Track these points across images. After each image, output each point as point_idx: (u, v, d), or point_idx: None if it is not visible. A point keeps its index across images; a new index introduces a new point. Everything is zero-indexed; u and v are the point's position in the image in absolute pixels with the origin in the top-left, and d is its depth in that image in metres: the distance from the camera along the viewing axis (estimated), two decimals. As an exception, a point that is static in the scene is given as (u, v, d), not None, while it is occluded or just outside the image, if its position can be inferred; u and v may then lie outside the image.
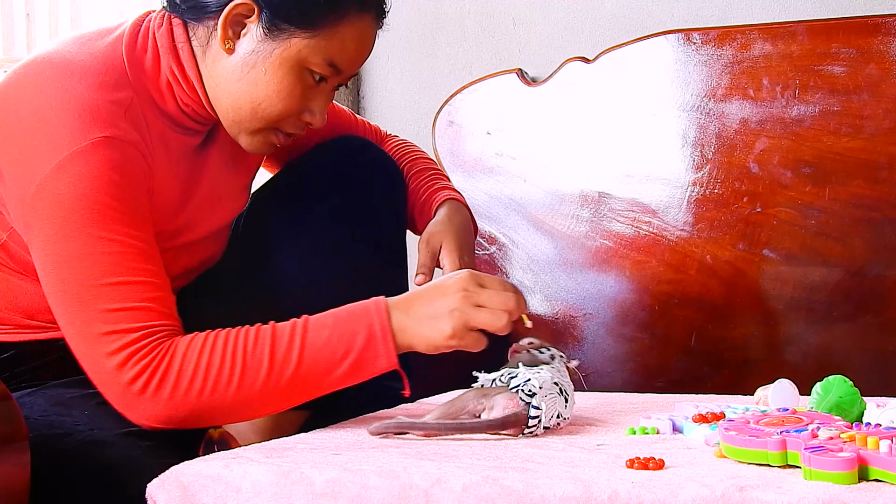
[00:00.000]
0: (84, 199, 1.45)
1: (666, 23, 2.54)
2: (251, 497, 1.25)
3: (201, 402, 1.45)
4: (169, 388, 1.44)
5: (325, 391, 1.51)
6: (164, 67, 1.60)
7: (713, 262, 2.44)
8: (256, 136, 1.66)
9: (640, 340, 2.49)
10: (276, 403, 1.50)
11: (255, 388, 1.46)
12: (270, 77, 1.59)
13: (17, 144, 1.48)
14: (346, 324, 1.50)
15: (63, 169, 1.45)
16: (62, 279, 1.46)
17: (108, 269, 1.45)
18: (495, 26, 2.73)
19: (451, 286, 1.52)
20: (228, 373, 1.46)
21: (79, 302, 1.45)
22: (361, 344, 1.49)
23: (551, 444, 1.39)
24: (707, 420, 1.44)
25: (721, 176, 2.44)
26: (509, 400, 1.45)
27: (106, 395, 1.47)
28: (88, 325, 1.45)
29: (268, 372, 1.46)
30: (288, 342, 1.48)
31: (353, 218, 1.81)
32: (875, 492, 1.09)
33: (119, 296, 1.45)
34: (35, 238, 1.48)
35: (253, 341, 1.48)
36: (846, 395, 1.40)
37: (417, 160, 1.95)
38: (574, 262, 2.53)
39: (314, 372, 1.48)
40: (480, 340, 1.53)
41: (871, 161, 2.34)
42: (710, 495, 1.11)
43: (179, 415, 1.45)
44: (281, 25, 1.57)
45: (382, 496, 1.21)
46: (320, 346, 1.48)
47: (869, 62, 2.34)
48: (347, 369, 1.49)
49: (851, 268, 2.36)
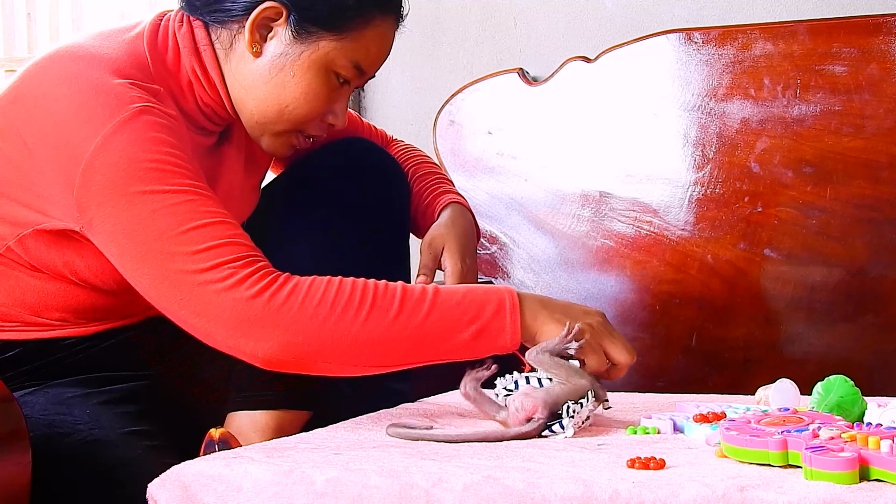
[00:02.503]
0: (137, 161, 1.44)
1: (667, 22, 2.54)
2: (252, 496, 1.25)
3: (325, 331, 1.42)
4: (298, 304, 1.41)
5: (442, 356, 1.48)
6: (186, 66, 1.61)
7: (714, 262, 2.44)
8: (279, 138, 1.67)
9: (641, 340, 2.49)
10: (394, 353, 1.46)
11: (381, 328, 1.43)
12: (298, 79, 1.60)
13: (56, 136, 1.47)
14: (479, 294, 1.48)
15: (109, 141, 1.44)
16: (140, 243, 1.43)
17: (183, 217, 1.43)
18: (496, 26, 2.73)
19: (592, 311, 1.53)
20: (358, 304, 1.43)
21: (165, 255, 1.42)
22: (490, 313, 1.47)
23: (552, 444, 1.39)
24: (708, 420, 1.44)
25: (722, 176, 2.44)
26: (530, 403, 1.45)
27: (213, 329, 1.42)
28: (183, 270, 1.42)
29: (397, 313, 1.44)
30: (420, 294, 1.46)
31: (357, 219, 1.82)
32: (876, 492, 1.09)
33: (205, 236, 1.42)
34: (96, 217, 1.45)
35: (384, 286, 1.45)
36: (847, 395, 1.40)
37: (422, 164, 1.96)
38: (575, 262, 2.53)
39: (440, 328, 1.45)
40: (603, 362, 1.52)
41: (873, 161, 2.34)
42: (710, 495, 1.11)
43: (299, 341, 1.41)
44: (309, 28, 1.59)
45: (383, 496, 1.21)
46: (452, 305, 1.46)
47: (870, 62, 2.34)
48: (471, 335, 1.46)
49: (852, 268, 2.36)
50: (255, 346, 1.42)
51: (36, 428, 1.35)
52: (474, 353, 1.49)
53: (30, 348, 1.61)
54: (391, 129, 2.10)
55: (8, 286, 1.59)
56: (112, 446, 1.45)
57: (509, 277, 2.57)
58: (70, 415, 1.48)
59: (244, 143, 1.74)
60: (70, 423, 1.47)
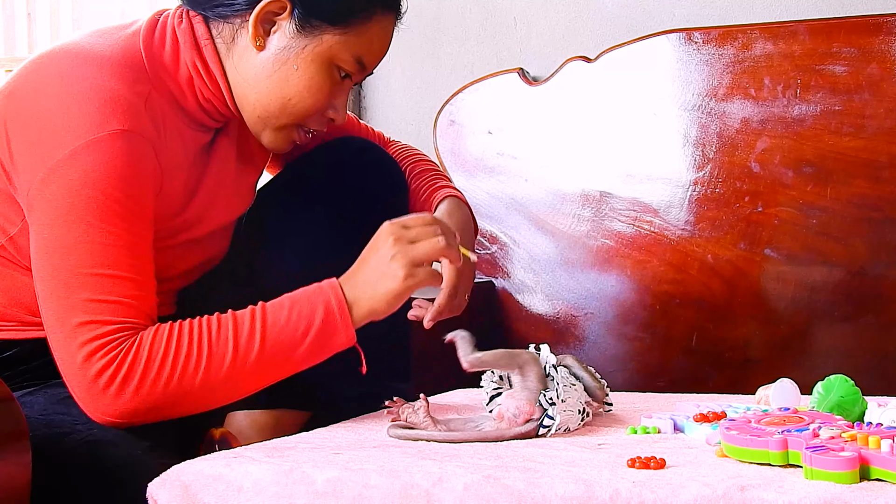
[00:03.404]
0: (92, 188, 1.46)
1: (667, 22, 2.54)
2: (252, 496, 1.25)
3: (168, 392, 1.46)
4: (135, 382, 1.45)
5: (289, 372, 1.53)
6: (186, 62, 1.61)
7: (714, 262, 2.44)
8: (281, 133, 1.68)
9: (642, 340, 2.49)
10: (241, 387, 1.52)
11: (222, 373, 1.48)
12: (302, 73, 1.61)
13: (35, 131, 1.49)
14: (304, 303, 1.53)
15: (77, 156, 1.46)
16: (54, 264, 1.46)
17: (100, 259, 1.46)
18: (496, 26, 2.73)
19: (379, 239, 1.57)
20: (196, 360, 1.47)
21: (65, 288, 1.46)
22: (320, 320, 1.52)
23: (552, 444, 1.39)
24: (708, 419, 1.44)
25: (722, 175, 2.44)
26: (526, 405, 1.45)
27: (71, 389, 1.47)
28: (69, 312, 1.46)
29: (233, 356, 1.48)
30: (250, 325, 1.50)
31: (355, 218, 1.81)
32: (876, 491, 1.09)
33: (104, 287, 1.46)
34: (36, 221, 1.49)
35: (216, 327, 1.49)
36: (847, 395, 1.40)
37: (419, 162, 1.96)
38: (575, 262, 2.53)
39: (277, 352, 1.50)
40: (434, 274, 1.58)
41: (873, 160, 2.34)
42: (711, 495, 1.11)
43: (145, 408, 1.46)
44: (313, 22, 1.60)
45: (384, 495, 1.21)
46: (282, 326, 1.51)
47: (870, 62, 2.34)
48: (309, 346, 1.52)
49: (853, 267, 2.36)
50: (102, 415, 1.47)
51: (35, 428, 1.34)
52: (319, 358, 1.54)
53: (27, 348, 1.61)
54: (391, 129, 2.10)
55: (4, 286, 1.59)
56: (112, 446, 1.45)
57: (509, 277, 2.57)
58: (69, 414, 1.48)
59: (240, 140, 1.74)
60: (69, 422, 1.47)
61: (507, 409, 1.46)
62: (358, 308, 1.55)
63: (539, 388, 1.46)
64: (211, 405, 1.52)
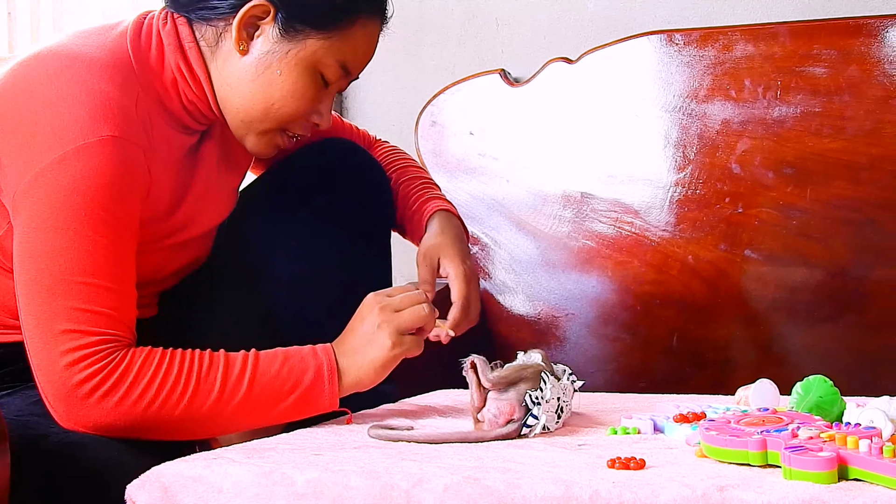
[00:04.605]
0: (80, 194, 1.45)
1: (648, 24, 2.55)
2: (232, 497, 1.25)
3: (147, 415, 1.46)
4: (117, 397, 1.44)
5: (265, 423, 1.54)
6: (170, 64, 1.61)
7: (695, 263, 2.45)
8: (264, 137, 1.67)
9: (623, 341, 2.50)
10: (217, 427, 1.52)
11: (203, 409, 1.48)
12: (285, 78, 1.61)
13: (23, 133, 1.48)
14: (296, 360, 1.53)
15: (66, 161, 1.45)
16: (38, 269, 1.45)
17: (86, 267, 1.45)
18: (478, 27, 2.73)
19: (364, 308, 1.59)
20: (181, 390, 1.46)
21: (48, 294, 1.45)
22: (308, 382, 1.53)
23: (533, 445, 1.40)
24: (688, 420, 1.45)
25: (703, 176, 2.44)
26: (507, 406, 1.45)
27: (46, 394, 1.46)
28: (51, 319, 1.45)
29: (217, 395, 1.48)
30: (240, 369, 1.50)
31: (340, 219, 1.82)
32: (854, 491, 1.10)
33: (88, 296, 1.45)
34: (20, 224, 1.47)
35: (208, 364, 1.49)
36: (826, 395, 1.41)
37: (407, 168, 1.96)
38: (556, 263, 2.53)
39: (261, 401, 1.50)
40: (419, 342, 1.60)
41: (853, 162, 2.35)
42: (690, 495, 1.12)
43: (120, 424, 1.45)
44: (297, 26, 1.59)
45: (364, 496, 1.21)
46: (270, 377, 1.51)
47: (850, 63, 2.35)
48: (292, 404, 1.52)
49: (832, 268, 2.37)
50: (76, 423, 1.46)
51: (12, 430, 1.34)
52: (298, 416, 1.55)
53: (9, 350, 1.60)
54: (373, 130, 2.09)
55: None
56: (90, 448, 1.44)
57: (491, 278, 2.57)
58: (46, 416, 1.47)
59: (224, 143, 1.73)
60: (46, 424, 1.46)
61: (489, 409, 1.46)
62: (346, 376, 1.55)
63: (525, 389, 1.46)
64: (183, 437, 1.51)
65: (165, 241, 1.65)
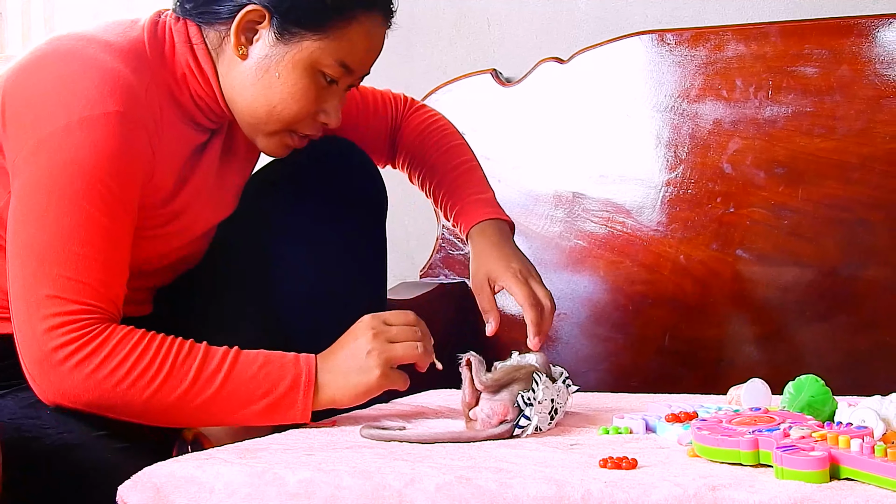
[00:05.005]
0: (80, 165, 1.47)
1: (640, 23, 2.55)
2: (224, 498, 1.25)
3: (115, 393, 1.46)
4: (90, 369, 1.45)
5: (233, 422, 1.53)
6: (181, 60, 1.63)
7: (687, 263, 2.45)
8: (273, 138, 1.68)
9: (614, 340, 2.50)
10: (182, 417, 1.51)
11: (170, 399, 1.47)
12: (284, 80, 1.62)
13: (31, 102, 1.50)
14: (275, 366, 1.52)
15: (70, 130, 1.47)
16: (29, 234, 1.47)
17: (78, 237, 1.47)
18: (470, 26, 2.73)
19: (359, 329, 1.57)
20: (152, 375, 1.46)
21: (38, 259, 1.46)
22: (283, 390, 1.52)
23: (525, 444, 1.40)
24: (680, 419, 1.45)
25: (694, 176, 2.44)
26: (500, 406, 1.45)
27: (24, 357, 1.47)
28: (38, 284, 1.46)
29: (188, 386, 1.47)
30: (217, 364, 1.49)
31: (335, 216, 1.82)
32: (846, 490, 1.10)
33: (78, 266, 1.46)
34: (18, 188, 1.49)
35: (185, 353, 1.49)
36: (818, 395, 1.41)
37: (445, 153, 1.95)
38: (548, 263, 2.53)
39: (230, 400, 1.50)
40: (405, 379, 1.58)
41: (844, 162, 2.35)
42: (682, 494, 1.12)
43: (87, 397, 1.46)
44: (292, 29, 1.60)
45: (356, 496, 1.21)
46: (245, 379, 1.50)
47: (841, 63, 2.35)
48: (262, 408, 1.51)
49: (824, 268, 2.37)
50: (45, 390, 1.47)
51: (5, 432, 1.34)
52: (267, 422, 1.54)
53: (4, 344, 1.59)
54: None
55: None
56: (82, 449, 1.44)
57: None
58: (39, 418, 1.47)
59: (230, 146, 1.74)
60: (39, 426, 1.46)
61: (482, 409, 1.46)
62: (323, 392, 1.54)
63: (518, 390, 1.46)
64: (146, 421, 1.51)
65: (159, 230, 1.65)
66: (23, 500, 1.38)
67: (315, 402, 1.53)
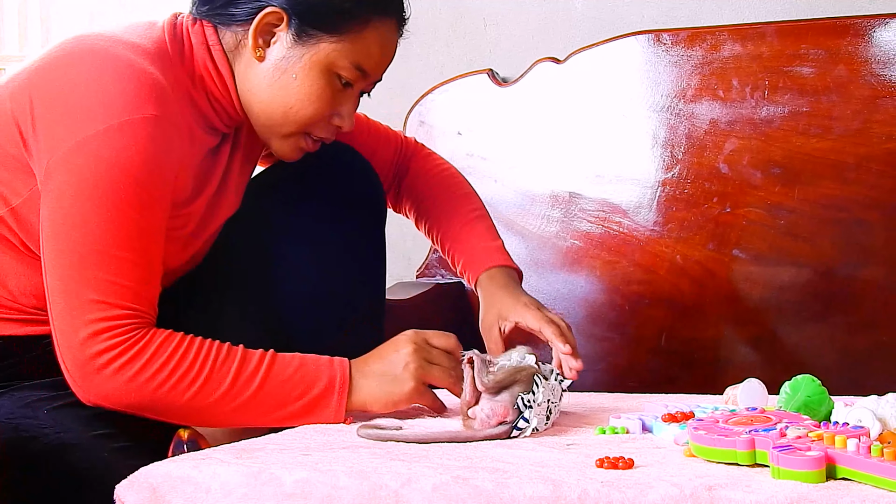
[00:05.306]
0: (120, 169, 1.47)
1: (636, 24, 2.55)
2: (221, 498, 1.25)
3: (156, 396, 1.47)
4: (131, 373, 1.46)
5: (270, 423, 1.54)
6: (199, 61, 1.64)
7: (683, 263, 2.45)
8: (287, 141, 1.69)
9: (611, 340, 2.50)
10: (220, 418, 1.52)
11: (210, 400, 1.49)
12: (301, 81, 1.63)
13: (66, 101, 1.49)
14: (310, 368, 1.54)
15: (110, 134, 1.47)
16: (71, 237, 1.47)
17: (119, 241, 1.47)
18: (466, 27, 2.73)
19: (401, 342, 1.58)
20: (193, 377, 1.48)
21: (80, 262, 1.46)
22: (319, 391, 1.53)
23: (521, 444, 1.40)
24: (676, 419, 1.45)
25: (691, 176, 2.44)
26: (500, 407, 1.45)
27: (64, 360, 1.48)
28: (80, 287, 1.46)
29: (227, 388, 1.49)
30: (255, 366, 1.51)
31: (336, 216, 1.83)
32: (842, 490, 1.10)
33: (120, 269, 1.47)
34: (54, 190, 1.48)
35: (224, 356, 1.50)
36: (814, 395, 1.41)
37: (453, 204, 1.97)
38: (545, 263, 2.53)
39: (268, 402, 1.51)
40: (436, 399, 1.60)
41: (840, 162, 2.35)
42: (679, 494, 1.12)
43: (128, 400, 1.47)
44: (309, 31, 1.61)
45: (352, 496, 1.21)
46: (282, 381, 1.52)
47: (838, 63, 2.35)
48: (298, 409, 1.53)
49: (820, 268, 2.37)
50: (86, 393, 1.48)
51: (2, 432, 1.34)
52: (301, 423, 1.55)
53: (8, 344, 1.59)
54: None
55: None
56: (80, 450, 1.44)
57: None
58: (36, 418, 1.47)
59: (240, 148, 1.75)
60: (36, 426, 1.46)
61: (481, 409, 1.46)
62: (356, 395, 1.55)
63: (518, 391, 1.46)
64: (186, 422, 1.52)
65: (176, 232, 1.66)
66: (21, 499, 1.38)
67: (348, 404, 1.54)
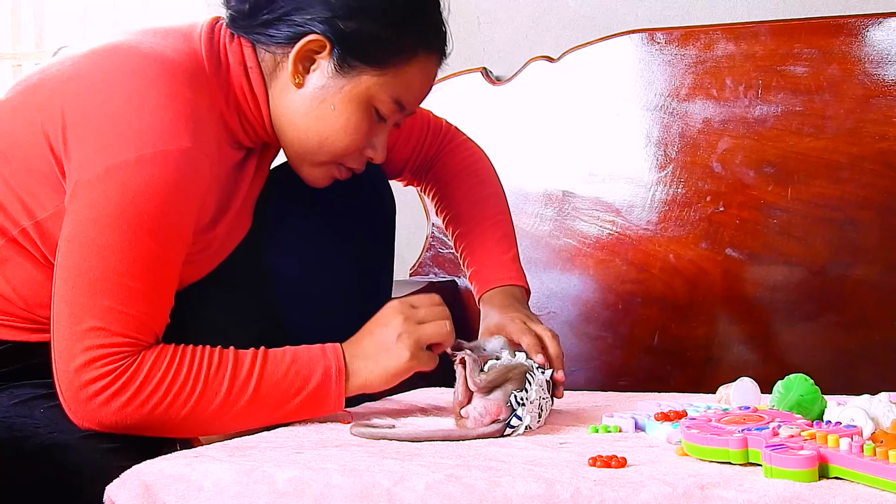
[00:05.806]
0: (148, 199, 1.44)
1: (630, 23, 2.55)
2: (213, 496, 1.25)
3: (153, 416, 1.45)
4: (123, 400, 1.44)
5: (271, 422, 1.53)
6: (235, 80, 1.61)
7: (676, 262, 2.45)
8: (319, 169, 1.68)
9: (604, 339, 2.50)
10: (222, 425, 1.51)
11: (209, 410, 1.47)
12: (339, 113, 1.60)
13: (101, 123, 1.47)
14: (304, 362, 1.52)
15: (142, 163, 1.44)
16: (86, 262, 1.45)
17: (135, 272, 1.45)
18: (460, 25, 2.72)
19: (388, 315, 1.58)
20: (188, 392, 1.46)
21: (90, 288, 1.44)
22: (315, 384, 1.52)
23: (514, 443, 1.40)
24: (669, 418, 1.45)
25: (684, 175, 2.45)
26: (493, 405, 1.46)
27: (60, 385, 1.46)
28: (84, 313, 1.44)
29: (225, 395, 1.47)
30: (248, 369, 1.49)
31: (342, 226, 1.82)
32: (835, 489, 1.10)
33: (129, 299, 1.45)
34: (77, 212, 1.46)
35: (216, 363, 1.48)
36: (807, 394, 1.41)
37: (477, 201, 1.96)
38: (538, 261, 2.53)
39: (267, 402, 1.50)
40: (434, 358, 1.59)
41: (833, 161, 2.36)
42: (671, 493, 1.12)
43: (126, 423, 1.45)
44: (352, 62, 1.58)
45: (345, 495, 1.21)
46: (278, 379, 1.50)
47: (831, 63, 2.36)
48: (298, 404, 1.52)
49: (813, 267, 2.38)
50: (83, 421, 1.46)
51: (-3, 431, 1.34)
52: (305, 416, 1.55)
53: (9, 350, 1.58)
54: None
55: (11, 273, 1.56)
56: (73, 449, 1.44)
57: (473, 276, 2.57)
58: (30, 417, 1.47)
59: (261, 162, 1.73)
60: (30, 425, 1.46)
61: (475, 408, 1.46)
62: (355, 378, 1.54)
63: (511, 389, 1.46)
64: (187, 435, 1.52)
65: (197, 255, 1.63)
66: (15, 498, 1.38)
67: (347, 389, 1.54)
